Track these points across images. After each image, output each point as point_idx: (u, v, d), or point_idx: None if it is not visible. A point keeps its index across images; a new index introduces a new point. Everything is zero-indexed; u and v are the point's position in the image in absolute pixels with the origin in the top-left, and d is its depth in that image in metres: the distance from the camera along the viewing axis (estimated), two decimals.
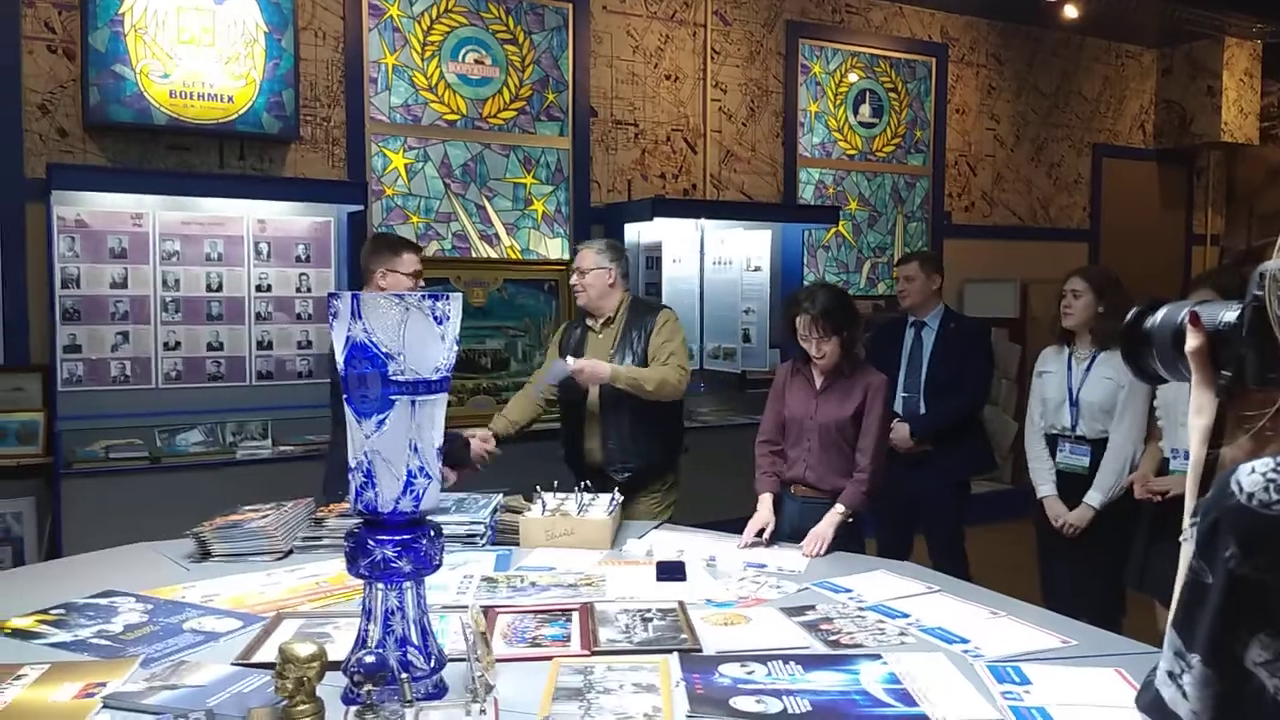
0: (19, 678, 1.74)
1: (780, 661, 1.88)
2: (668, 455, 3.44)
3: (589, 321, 3.49)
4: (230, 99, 4.31)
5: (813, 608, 2.24)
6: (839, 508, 2.78)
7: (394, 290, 3.17)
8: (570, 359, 3.29)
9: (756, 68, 5.92)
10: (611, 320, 3.44)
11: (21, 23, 4.10)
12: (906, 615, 2.20)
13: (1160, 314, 1.10)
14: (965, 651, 1.96)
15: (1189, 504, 1.02)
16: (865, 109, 6.38)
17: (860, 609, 2.24)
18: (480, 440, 3.28)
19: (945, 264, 6.40)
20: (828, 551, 2.69)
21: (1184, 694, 0.89)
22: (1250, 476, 0.85)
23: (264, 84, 4.37)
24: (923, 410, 3.92)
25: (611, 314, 3.44)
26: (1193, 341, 1.02)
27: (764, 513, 2.87)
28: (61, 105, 4.18)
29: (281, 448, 4.26)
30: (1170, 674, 0.91)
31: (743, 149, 5.89)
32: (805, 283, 5.43)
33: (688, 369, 3.38)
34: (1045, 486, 3.49)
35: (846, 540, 2.78)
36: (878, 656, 1.92)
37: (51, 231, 3.96)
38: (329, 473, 3.27)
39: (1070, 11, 6.27)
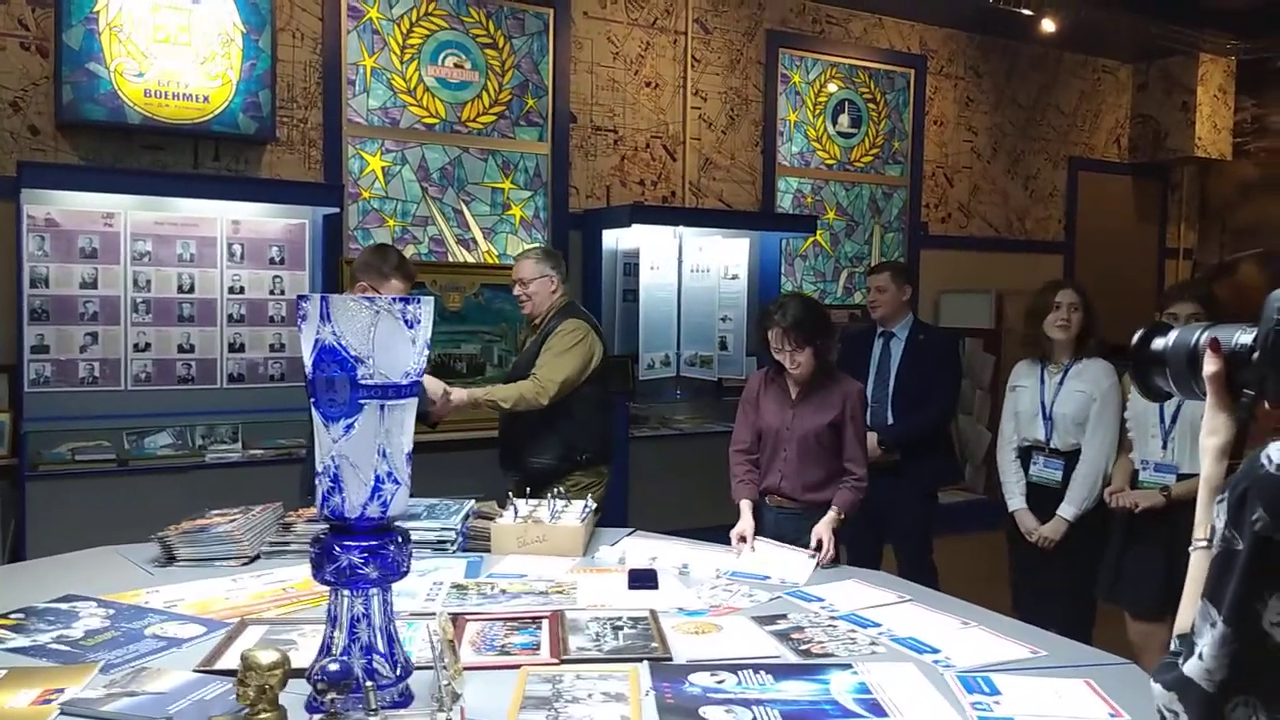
0: None
1: (751, 671, 1.87)
2: (564, 460, 3.44)
3: (527, 331, 3.59)
4: (206, 99, 4.27)
5: (785, 616, 2.23)
6: (835, 512, 2.79)
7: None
8: (431, 383, 3.17)
9: (737, 76, 5.93)
10: (537, 330, 3.52)
11: None
12: (878, 625, 2.19)
13: (1172, 337, 1.16)
14: (935, 661, 1.96)
15: (1200, 517, 1.06)
16: (844, 119, 6.41)
17: (832, 618, 2.24)
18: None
19: (922, 274, 6.50)
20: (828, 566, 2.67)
21: (1200, 656, 0.95)
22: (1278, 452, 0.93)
23: (240, 84, 4.33)
24: (890, 420, 3.93)
25: (542, 323, 3.51)
26: (1211, 366, 1.08)
27: (746, 520, 2.86)
28: (34, 103, 4.13)
29: (252, 451, 4.21)
30: (1192, 645, 0.96)
31: (722, 157, 5.90)
32: (782, 291, 5.43)
33: (553, 381, 3.36)
34: (1016, 500, 3.50)
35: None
36: (848, 666, 1.92)
37: (21, 230, 3.91)
38: (304, 476, 3.26)
39: (1048, 26, 6.33)
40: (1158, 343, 1.18)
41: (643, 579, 2.45)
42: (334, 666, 1.58)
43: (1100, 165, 7.61)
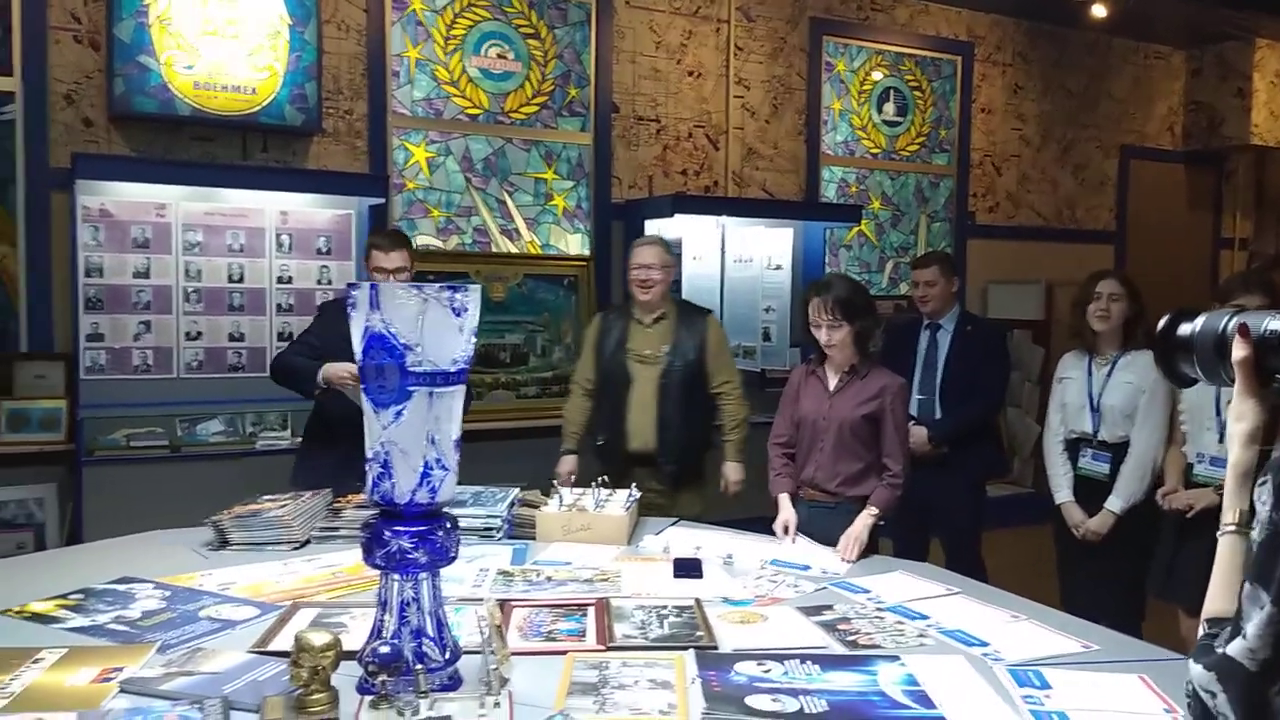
0: (37, 661, 1.75)
1: (797, 661, 1.86)
2: (709, 451, 3.61)
3: (637, 314, 3.55)
4: (254, 91, 4.32)
5: (830, 608, 2.22)
6: (871, 509, 2.74)
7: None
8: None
9: (780, 64, 5.89)
10: (662, 317, 3.57)
11: (48, 12, 4.12)
12: (925, 617, 2.17)
13: (1199, 321, 1.15)
14: (985, 654, 1.94)
15: (1228, 502, 1.04)
16: (889, 107, 6.34)
17: (879, 610, 2.22)
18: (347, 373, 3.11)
19: (969, 265, 6.42)
20: (861, 556, 2.65)
21: (1244, 636, 0.94)
22: None
23: (287, 76, 4.38)
24: (938, 413, 3.88)
25: (662, 311, 3.57)
26: (1240, 351, 1.07)
27: (786, 511, 2.85)
28: (87, 95, 4.20)
29: (300, 439, 4.26)
30: (1238, 626, 0.96)
31: (765, 146, 5.86)
32: None
33: (743, 386, 3.67)
34: (1063, 492, 3.46)
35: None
36: (896, 658, 1.90)
37: (75, 221, 3.99)
38: (296, 466, 3.40)
39: (1099, 11, 6.20)
40: (1184, 328, 1.16)
41: (687, 568, 2.45)
42: (385, 649, 1.60)
43: (1153, 153, 7.46)
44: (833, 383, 2.92)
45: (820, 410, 2.90)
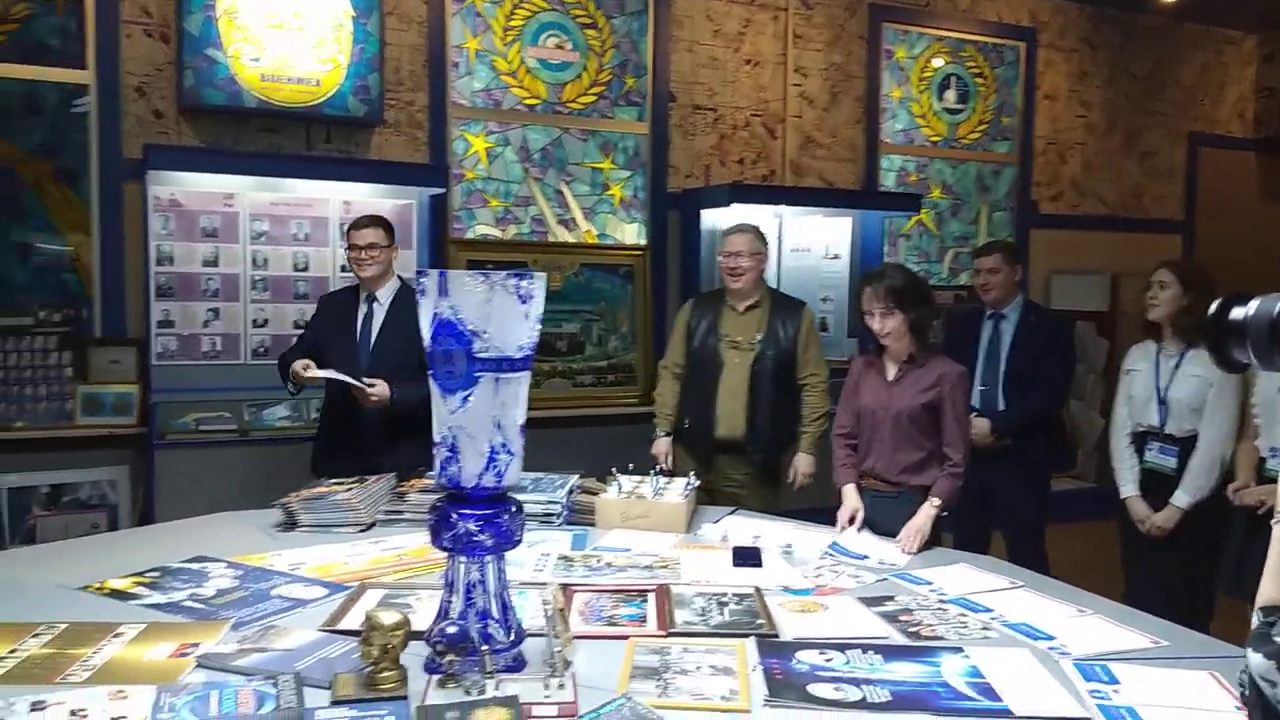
0: (117, 635, 1.81)
1: (859, 650, 1.86)
2: (791, 445, 3.60)
3: (730, 301, 3.57)
4: (318, 83, 4.39)
5: (891, 598, 2.21)
6: (934, 501, 2.71)
7: (351, 263, 3.39)
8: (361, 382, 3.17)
9: (838, 52, 5.83)
10: (756, 305, 3.58)
11: (120, 7, 4.23)
12: (989, 610, 2.15)
13: (1254, 305, 1.12)
14: (1051, 649, 1.92)
15: None
16: (950, 94, 6.24)
17: (941, 602, 2.20)
18: (301, 367, 3.24)
19: (1032, 254, 6.31)
20: (923, 548, 2.63)
21: None
22: None
23: (350, 68, 4.44)
24: (1001, 404, 3.83)
25: (757, 299, 3.58)
26: None
27: (851, 500, 2.84)
28: (157, 88, 4.31)
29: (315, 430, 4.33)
30: None
31: (823, 135, 5.81)
32: None
33: (828, 381, 3.63)
34: (1128, 486, 3.40)
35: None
36: (959, 650, 1.89)
37: (147, 210, 4.10)
38: (315, 453, 3.49)
39: None
40: (1237, 312, 1.14)
41: (747, 557, 2.45)
42: (452, 629, 1.63)
43: (1223, 141, 7.25)
44: (891, 373, 2.90)
45: (879, 400, 2.88)
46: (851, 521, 2.79)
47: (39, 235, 4.16)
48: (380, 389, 3.15)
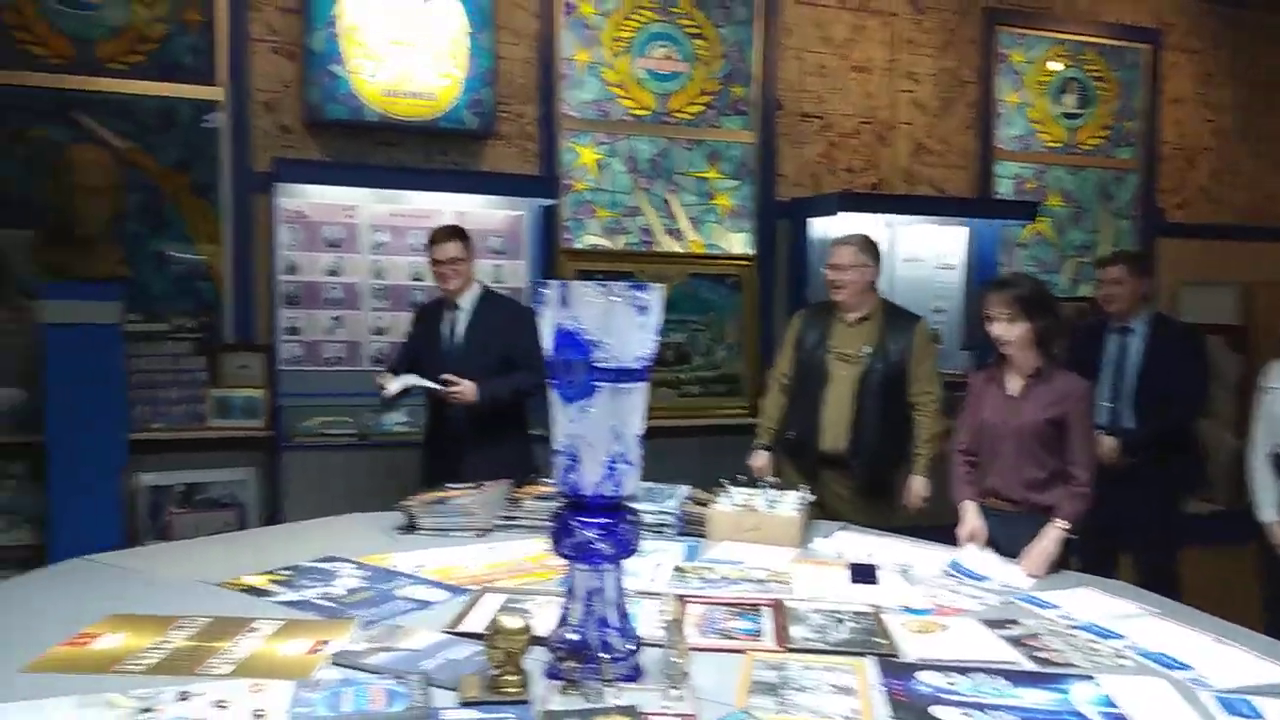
0: (254, 630, 1.89)
1: (984, 674, 1.81)
2: (901, 463, 3.47)
3: (840, 313, 3.52)
4: (435, 97, 4.52)
5: (1016, 622, 2.14)
6: (1061, 523, 2.61)
7: (435, 276, 3.48)
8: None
9: (951, 57, 5.71)
10: (867, 317, 3.50)
11: (250, 26, 4.43)
12: (1121, 636, 2.06)
13: None
14: (1189, 679, 1.83)
15: None
16: (1069, 99, 6.04)
17: (1070, 627, 2.12)
18: (377, 386, 3.42)
19: (1158, 265, 6.05)
20: (1050, 572, 2.55)
21: None
22: None
23: (466, 82, 4.56)
24: (1126, 421, 3.68)
25: (867, 311, 3.49)
26: None
27: (970, 519, 2.76)
28: (284, 103, 4.49)
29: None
30: None
31: (935, 142, 5.70)
32: None
33: (942, 401, 3.49)
34: (1268, 511, 3.23)
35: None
36: (1090, 678, 1.82)
37: (275, 221, 4.28)
38: (424, 462, 3.58)
39: None
40: None
41: (864, 574, 2.42)
42: (574, 636, 1.65)
43: None
44: (1014, 387, 2.81)
45: (1001, 416, 2.79)
46: (971, 539, 2.71)
47: (176, 245, 4.39)
48: (464, 387, 3.28)
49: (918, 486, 3.42)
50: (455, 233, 3.49)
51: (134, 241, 4.32)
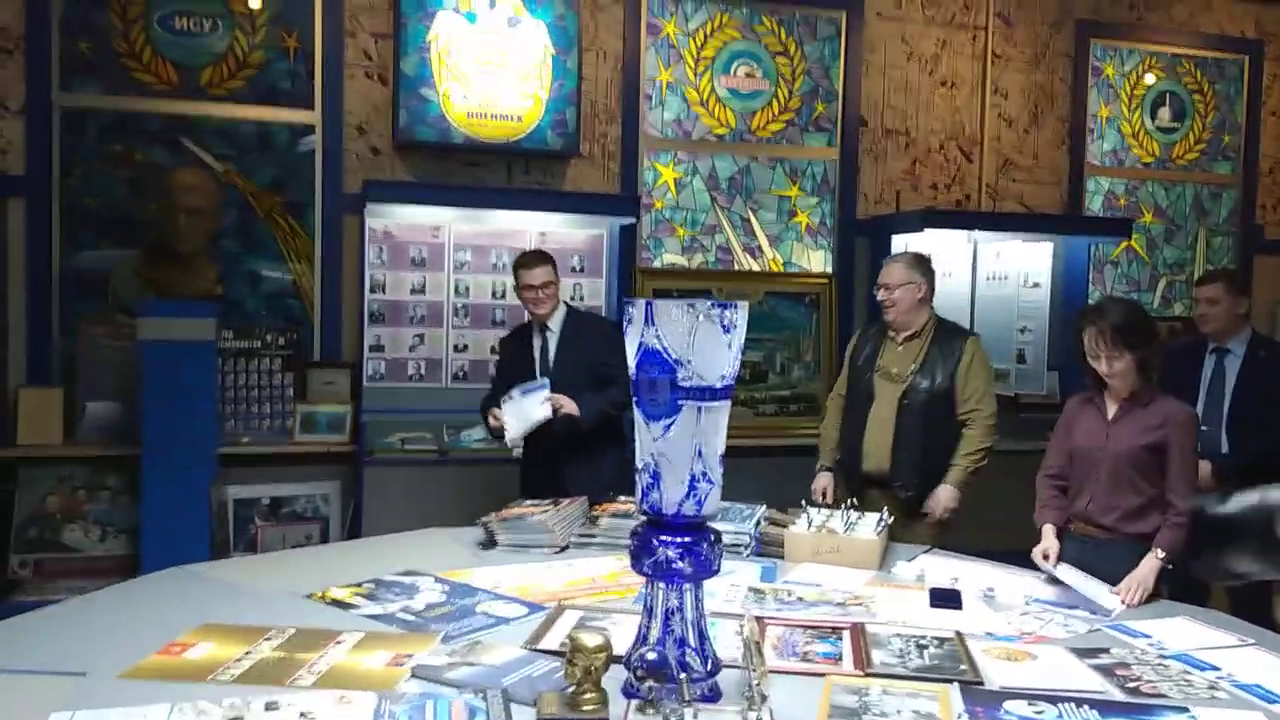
0: (339, 643, 1.94)
1: (1073, 704, 1.75)
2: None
3: (891, 333, 3.47)
4: (519, 118, 4.59)
5: (1106, 651, 2.07)
6: (1159, 552, 2.52)
7: (524, 302, 3.53)
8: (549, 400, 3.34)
9: (1041, 71, 5.59)
10: (916, 335, 3.43)
11: (345, 52, 4.57)
12: (1216, 668, 1.99)
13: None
14: None
15: None
16: (1164, 112, 5.86)
17: (1161, 657, 2.05)
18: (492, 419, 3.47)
19: (1258, 283, 5.81)
20: (1146, 601, 2.46)
21: None
22: None
23: (550, 103, 4.62)
24: (1224, 446, 3.53)
25: (918, 329, 3.42)
26: None
27: (1048, 540, 2.69)
28: (375, 126, 4.62)
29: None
30: None
31: (1023, 157, 5.57)
32: (1090, 300, 5.06)
33: (995, 420, 3.38)
34: None
35: None
36: (1185, 710, 1.75)
37: (364, 242, 4.39)
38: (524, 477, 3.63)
39: None
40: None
41: (946, 599, 2.36)
42: (652, 655, 1.65)
43: None
44: (1111, 411, 2.72)
45: (1096, 440, 2.71)
46: (1046, 559, 2.64)
47: (269, 264, 4.53)
48: (572, 405, 3.32)
49: (944, 495, 3.28)
50: (544, 257, 3.54)
51: (229, 260, 4.48)
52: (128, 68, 4.36)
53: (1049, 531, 2.72)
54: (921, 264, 3.45)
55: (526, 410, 3.35)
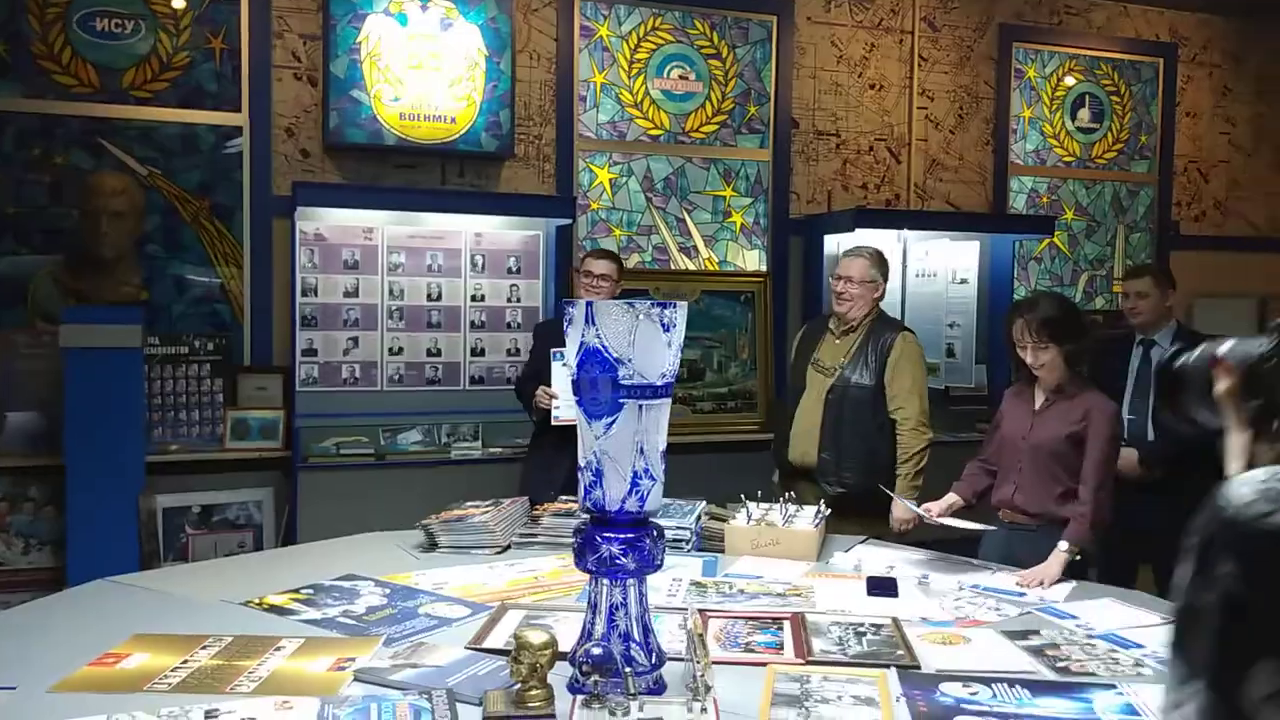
0: (279, 649, 1.91)
1: (1005, 685, 1.81)
2: (885, 478, 3.28)
3: (831, 325, 3.51)
4: (453, 120, 4.57)
5: (1037, 632, 2.14)
6: (1063, 545, 2.59)
7: (583, 288, 3.71)
8: None
9: (966, 74, 5.73)
10: (853, 329, 3.46)
11: (273, 53, 4.50)
12: (1140, 646, 2.07)
13: (1196, 353, 1.07)
14: None
15: None
16: (1084, 113, 6.05)
17: (1089, 637, 2.12)
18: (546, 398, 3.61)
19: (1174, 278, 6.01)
20: (1068, 582, 2.54)
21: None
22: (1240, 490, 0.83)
23: (483, 105, 4.60)
24: (1151, 435, 3.66)
25: (855, 324, 3.45)
26: (1223, 384, 0.99)
27: (942, 501, 2.87)
28: (305, 128, 4.55)
29: (490, 449, 4.46)
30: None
31: (950, 157, 5.71)
32: (1015, 296, 5.20)
33: (927, 418, 3.38)
34: None
35: (1070, 570, 2.61)
36: (1112, 686, 1.82)
37: (295, 245, 4.32)
38: (524, 476, 3.78)
39: None
40: (1185, 360, 1.07)
41: (882, 586, 2.42)
42: (598, 650, 1.66)
43: None
44: (1039, 402, 2.81)
45: (1021, 430, 2.80)
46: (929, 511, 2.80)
47: (196, 269, 4.43)
48: None
49: (898, 511, 3.17)
50: (612, 256, 3.87)
51: (154, 265, 4.38)
52: (47, 70, 4.23)
53: (948, 496, 2.87)
54: (883, 264, 3.49)
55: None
